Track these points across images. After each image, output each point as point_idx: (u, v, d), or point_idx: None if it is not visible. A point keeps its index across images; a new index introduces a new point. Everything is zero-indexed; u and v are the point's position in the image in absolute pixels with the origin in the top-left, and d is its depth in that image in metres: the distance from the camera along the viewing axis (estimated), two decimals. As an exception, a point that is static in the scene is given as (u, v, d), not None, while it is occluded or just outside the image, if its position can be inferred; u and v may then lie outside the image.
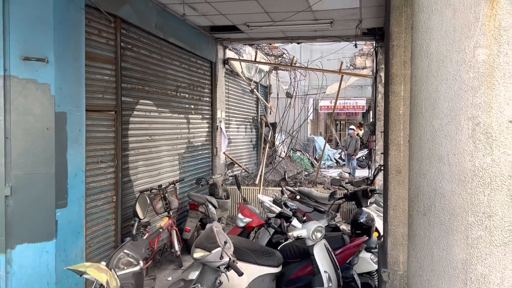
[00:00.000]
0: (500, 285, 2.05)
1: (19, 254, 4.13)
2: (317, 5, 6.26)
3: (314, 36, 8.64)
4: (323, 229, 4.17)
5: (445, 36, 2.14)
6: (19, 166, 4.17)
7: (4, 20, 4.04)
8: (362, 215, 5.28)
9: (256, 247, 4.51)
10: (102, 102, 5.36)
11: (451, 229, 2.13)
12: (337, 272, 4.18)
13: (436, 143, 2.18)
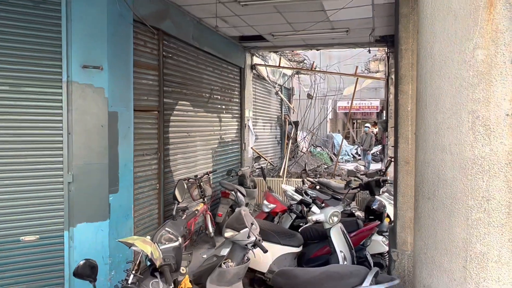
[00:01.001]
0: (498, 262, 2.02)
1: (79, 232, 4.23)
2: (334, 16, 6.19)
3: (332, 44, 8.54)
4: (339, 214, 4.15)
5: (447, 39, 2.11)
6: (79, 157, 4.24)
7: (67, 34, 4.14)
8: (374, 202, 5.22)
9: (279, 229, 4.52)
10: (147, 103, 5.40)
11: (452, 211, 2.10)
12: (352, 252, 4.16)
13: (439, 134, 2.15)
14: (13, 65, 3.95)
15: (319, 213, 4.23)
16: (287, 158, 10.50)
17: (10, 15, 3.90)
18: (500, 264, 2.01)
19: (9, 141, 3.99)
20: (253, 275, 4.28)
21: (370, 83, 18.32)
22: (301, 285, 3.03)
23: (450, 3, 2.07)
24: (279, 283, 3.18)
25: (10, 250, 3.95)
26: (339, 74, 11.88)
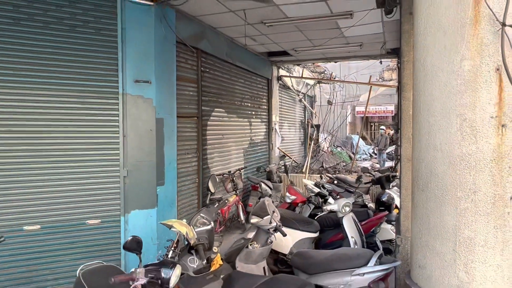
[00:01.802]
0: (484, 246, 2.00)
1: (133, 217, 4.35)
2: (348, 32, 6.13)
3: (348, 56, 8.43)
4: (350, 204, 4.13)
5: (438, 52, 2.11)
6: (132, 156, 4.36)
7: (122, 55, 4.27)
8: (384, 195, 5.15)
9: (299, 217, 4.53)
10: (188, 111, 5.47)
11: (443, 202, 2.10)
12: (362, 238, 4.12)
13: (431, 135, 2.16)
14: (79, 80, 4.11)
15: (333, 203, 4.23)
16: (310, 156, 10.46)
17: (77, 40, 4.08)
18: (487, 248, 1.99)
19: (77, 143, 4.14)
20: (276, 256, 4.30)
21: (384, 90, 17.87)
22: (315, 264, 3.06)
23: (439, 20, 2.07)
24: (296, 262, 3.22)
25: (79, 231, 4.13)
26: (355, 83, 11.71)
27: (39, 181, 3.98)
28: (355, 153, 14.09)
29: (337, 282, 2.84)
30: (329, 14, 5.19)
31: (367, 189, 7.07)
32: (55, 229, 4.04)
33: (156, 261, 2.14)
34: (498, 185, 1.98)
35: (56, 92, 4.02)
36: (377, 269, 2.85)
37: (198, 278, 2.87)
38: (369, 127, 29.24)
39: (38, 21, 3.91)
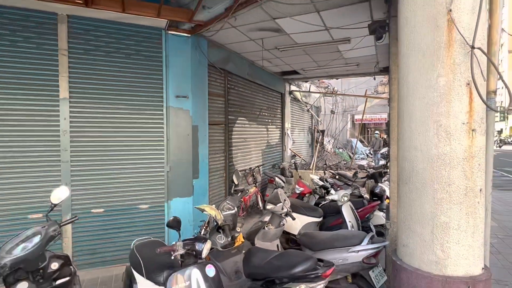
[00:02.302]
0: (457, 229, 1.98)
1: (174, 203, 4.43)
2: (347, 54, 6.05)
3: (347, 74, 8.32)
4: (348, 195, 4.08)
5: (417, 70, 2.10)
6: (173, 154, 4.43)
7: (166, 76, 4.37)
8: (377, 187, 5.05)
9: (306, 205, 4.51)
10: (217, 119, 5.52)
11: (423, 193, 2.09)
12: (358, 222, 4.06)
13: (412, 138, 2.15)
14: (135, 97, 4.25)
15: (334, 194, 4.20)
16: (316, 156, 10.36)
17: (132, 65, 4.23)
18: (460, 231, 1.97)
19: (133, 144, 4.26)
20: (287, 236, 4.32)
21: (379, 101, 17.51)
22: (318, 243, 3.05)
23: (419, 44, 2.06)
24: (304, 241, 3.23)
25: (133, 214, 4.25)
26: (353, 96, 11.51)
27: (104, 174, 4.12)
28: (354, 153, 13.82)
29: (336, 257, 2.83)
30: (330, 40, 5.15)
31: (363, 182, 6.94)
32: (114, 212, 4.17)
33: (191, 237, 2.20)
34: (469, 179, 1.95)
35: (119, 106, 4.17)
36: (369, 247, 2.82)
37: (224, 252, 2.93)
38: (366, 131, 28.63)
39: (102, 51, 4.08)
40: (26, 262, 2.11)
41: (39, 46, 3.80)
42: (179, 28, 4.45)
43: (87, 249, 4.01)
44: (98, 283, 3.70)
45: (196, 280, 1.96)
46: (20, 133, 3.73)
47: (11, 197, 3.70)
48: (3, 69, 3.64)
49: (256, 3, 3.54)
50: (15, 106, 3.70)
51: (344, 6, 3.85)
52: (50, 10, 3.78)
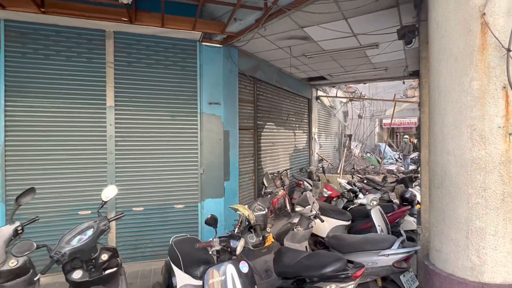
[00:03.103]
0: (494, 235, 1.91)
1: (207, 204, 4.57)
2: (375, 59, 5.96)
3: (374, 78, 8.09)
4: (377, 199, 3.97)
5: (449, 74, 2.06)
6: (206, 158, 4.59)
7: (200, 84, 4.56)
8: (407, 192, 4.87)
9: (334, 208, 4.45)
10: (247, 124, 5.63)
11: (456, 197, 2.03)
12: (387, 227, 3.94)
13: (445, 142, 2.10)
14: (172, 104, 4.46)
15: (362, 198, 4.13)
16: (343, 160, 10.16)
17: (170, 75, 4.46)
18: (497, 237, 1.88)
19: (170, 148, 4.46)
20: (315, 238, 4.27)
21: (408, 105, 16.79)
22: (347, 245, 3.02)
23: (451, 49, 2.02)
24: (332, 243, 3.20)
25: (169, 213, 4.44)
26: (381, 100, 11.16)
27: (144, 175, 4.36)
28: (382, 158, 13.37)
29: (365, 260, 2.78)
30: (358, 46, 5.09)
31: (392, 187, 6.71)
32: (153, 211, 4.39)
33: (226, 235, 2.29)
34: (507, 184, 1.87)
35: (158, 112, 4.41)
36: (399, 251, 2.75)
37: (255, 251, 2.99)
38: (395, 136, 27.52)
39: (143, 63, 4.36)
40: (81, 252, 2.32)
41: (90, 60, 4.15)
42: (212, 39, 4.64)
43: (129, 244, 4.25)
44: (139, 276, 3.91)
45: (231, 275, 2.04)
46: (73, 138, 4.08)
47: (64, 195, 4.04)
48: (60, 81, 4.02)
49: (285, 13, 3.62)
50: (69, 114, 4.06)
51: (372, 12, 3.81)
52: (99, 28, 4.12)
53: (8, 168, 3.84)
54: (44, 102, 3.96)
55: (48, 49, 3.98)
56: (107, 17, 3.85)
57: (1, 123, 3.79)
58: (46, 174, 3.97)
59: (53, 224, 3.93)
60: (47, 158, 3.98)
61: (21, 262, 2.36)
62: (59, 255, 2.19)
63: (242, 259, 2.20)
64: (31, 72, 3.92)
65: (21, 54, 3.90)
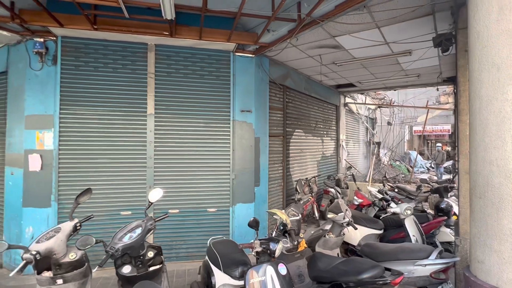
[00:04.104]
0: (542, 248, 1.85)
1: (238, 208, 4.71)
2: (407, 65, 5.87)
3: (406, 85, 7.91)
4: (411, 208, 3.91)
5: (491, 84, 2.06)
6: (238, 164, 4.75)
7: (233, 93, 4.75)
8: (442, 202, 4.72)
9: (366, 217, 4.41)
10: (276, 131, 5.73)
11: (500, 208, 2.01)
12: (422, 237, 3.85)
13: (487, 152, 2.09)
14: (207, 112, 4.68)
15: (395, 207, 4.07)
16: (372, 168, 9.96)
17: (205, 84, 4.70)
18: (545, 250, 1.84)
19: (203, 154, 4.67)
20: (347, 246, 4.26)
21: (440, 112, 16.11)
22: (381, 254, 3.00)
23: (493, 59, 2.03)
24: (365, 251, 3.20)
25: (202, 216, 4.63)
26: (413, 107, 10.83)
27: (180, 179, 4.59)
28: (413, 167, 12.89)
29: (401, 270, 2.75)
30: (390, 53, 5.06)
31: (425, 197, 6.51)
32: (187, 213, 4.60)
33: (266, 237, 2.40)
34: (556, 196, 1.83)
35: (193, 120, 4.65)
36: (438, 262, 2.70)
37: (288, 255, 3.06)
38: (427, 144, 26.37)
39: (181, 73, 4.64)
40: (131, 248, 2.54)
41: (133, 71, 4.49)
42: (245, 50, 4.84)
43: (165, 245, 4.48)
44: (174, 275, 4.11)
45: (270, 276, 2.15)
46: (117, 143, 4.41)
47: (108, 196, 4.36)
48: (107, 91, 4.38)
49: (318, 24, 3.73)
50: (114, 121, 4.40)
51: (407, 20, 3.82)
52: (142, 41, 4.46)
53: (61, 170, 4.22)
54: (93, 110, 4.33)
55: (97, 62, 4.37)
56: (150, 32, 4.17)
57: (56, 129, 4.20)
58: (94, 177, 4.31)
59: (99, 222, 4.24)
60: (95, 161, 4.33)
61: (79, 255, 2.61)
62: (113, 250, 2.42)
63: (280, 261, 2.30)
64: (82, 83, 4.32)
65: (74, 67, 4.31)
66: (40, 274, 2.45)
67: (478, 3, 2.16)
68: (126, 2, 3.42)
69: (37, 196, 4.12)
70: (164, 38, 4.32)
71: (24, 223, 4.10)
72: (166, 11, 3.35)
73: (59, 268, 2.48)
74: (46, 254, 2.37)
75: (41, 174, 4.14)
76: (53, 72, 4.21)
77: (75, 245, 2.41)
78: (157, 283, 2.74)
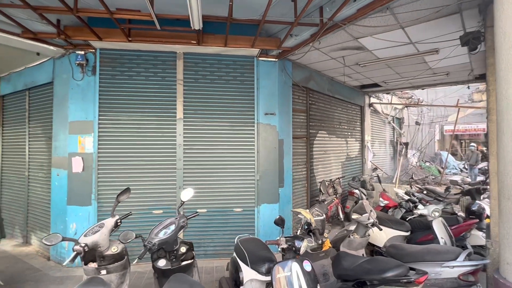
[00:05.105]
0: None
1: (262, 208, 4.84)
2: (435, 63, 5.72)
3: (434, 84, 7.63)
4: (439, 210, 3.84)
5: (519, 85, 2.04)
6: (262, 165, 4.88)
7: (257, 96, 4.90)
8: (474, 205, 4.55)
9: (391, 218, 4.36)
10: (299, 133, 5.80)
11: (529, 209, 1.99)
12: (452, 240, 3.75)
13: (515, 153, 2.07)
14: (232, 116, 4.86)
15: (423, 208, 4.01)
16: (399, 170, 9.70)
17: (230, 89, 4.89)
18: None
19: (229, 155, 4.84)
20: (372, 248, 4.25)
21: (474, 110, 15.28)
22: (407, 255, 2.99)
23: (520, 59, 2.02)
24: (391, 252, 3.20)
25: (229, 215, 4.81)
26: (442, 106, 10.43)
27: (207, 180, 4.81)
28: (444, 168, 12.35)
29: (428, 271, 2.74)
30: (416, 53, 4.98)
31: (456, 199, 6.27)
32: (215, 213, 4.80)
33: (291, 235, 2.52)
34: None
35: (219, 123, 4.86)
36: (466, 264, 2.67)
37: (313, 254, 3.17)
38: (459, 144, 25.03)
39: (207, 79, 4.87)
40: (166, 243, 2.76)
41: (163, 78, 4.79)
42: (268, 54, 4.99)
43: (194, 242, 4.63)
44: (203, 272, 4.33)
45: (296, 272, 2.26)
46: (149, 146, 4.72)
47: (142, 195, 4.67)
48: (140, 97, 4.71)
49: (340, 27, 3.79)
50: (146, 125, 4.72)
51: (433, 20, 3.78)
52: (172, 50, 4.74)
53: (100, 172, 4.60)
54: (127, 116, 4.67)
55: (131, 71, 4.71)
56: (179, 41, 4.44)
57: (95, 134, 4.58)
58: (128, 177, 4.65)
59: (134, 220, 4.56)
60: (129, 163, 4.66)
61: (120, 249, 2.87)
62: (150, 245, 2.65)
63: (305, 258, 2.40)
64: (118, 90, 4.67)
65: (111, 76, 4.68)
66: (87, 265, 2.74)
67: (504, 3, 2.16)
68: (158, 15, 3.69)
69: (80, 195, 4.52)
70: (192, 46, 4.58)
71: (69, 220, 4.51)
72: (194, 22, 3.59)
73: (103, 260, 2.75)
74: (92, 247, 2.65)
75: (82, 175, 4.53)
76: (93, 81, 4.60)
77: (118, 239, 2.67)
78: (189, 276, 2.95)
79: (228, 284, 3.07)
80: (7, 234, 5.70)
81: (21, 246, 5.37)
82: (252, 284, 2.66)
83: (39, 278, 4.13)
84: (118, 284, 2.81)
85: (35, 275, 4.21)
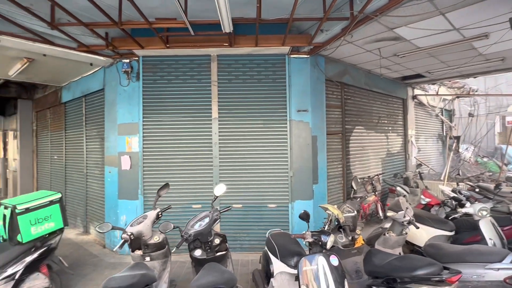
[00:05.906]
0: None
1: (296, 205, 4.90)
2: (485, 49, 5.20)
3: (488, 71, 6.90)
4: (487, 209, 3.56)
5: None
6: (295, 162, 4.93)
7: (289, 93, 4.96)
8: (533, 204, 4.14)
9: (433, 217, 4.14)
10: (334, 129, 5.73)
11: None
12: (503, 241, 3.45)
13: None
14: (264, 114, 4.99)
15: (469, 207, 3.76)
16: (448, 165, 8.98)
17: (262, 88, 5.02)
18: None
19: (263, 153, 4.98)
20: (412, 247, 4.08)
21: (542, 97, 13.42)
22: (447, 255, 2.86)
23: None
24: (429, 252, 3.08)
25: (263, 211, 4.96)
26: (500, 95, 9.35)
27: (242, 176, 5.01)
28: (503, 163, 11.10)
29: (470, 272, 2.61)
30: (461, 39, 4.61)
31: (515, 198, 5.68)
32: (250, 208, 4.99)
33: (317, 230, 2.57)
34: None
35: (253, 121, 5.03)
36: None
37: (345, 251, 3.17)
38: (526, 136, 22.16)
39: (239, 79, 5.06)
40: (201, 235, 2.99)
41: (199, 81, 5.08)
42: (299, 51, 5.01)
43: (230, 236, 4.93)
44: (239, 264, 4.54)
45: (322, 265, 2.32)
46: (188, 145, 5.05)
47: (182, 191, 5.03)
48: (178, 99, 5.06)
49: (372, 19, 3.69)
50: (185, 125, 5.06)
51: (477, 3, 3.50)
52: (206, 53, 5.01)
53: (145, 169, 5.05)
54: (168, 117, 5.06)
55: (170, 75, 5.08)
56: (212, 44, 4.68)
57: (140, 135, 5.03)
58: (169, 174, 5.03)
59: (174, 213, 4.94)
60: (170, 161, 5.05)
61: (161, 238, 3.18)
62: (187, 235, 2.90)
63: (333, 253, 2.44)
64: (159, 94, 5.07)
65: (152, 81, 5.09)
66: (134, 252, 3.09)
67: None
68: (191, 22, 3.94)
69: (128, 190, 5.01)
70: (224, 48, 4.79)
71: (120, 212, 5.04)
72: (224, 25, 3.77)
73: (147, 248, 3.08)
74: (137, 236, 2.98)
75: (130, 172, 5.02)
76: (137, 87, 5.06)
77: (158, 229, 2.97)
78: (222, 265, 3.16)
79: (260, 276, 3.23)
80: (70, 224, 6.52)
81: (82, 235, 6.12)
82: (282, 276, 2.78)
83: (96, 263, 4.70)
84: (160, 270, 3.12)
85: (93, 260, 4.80)
